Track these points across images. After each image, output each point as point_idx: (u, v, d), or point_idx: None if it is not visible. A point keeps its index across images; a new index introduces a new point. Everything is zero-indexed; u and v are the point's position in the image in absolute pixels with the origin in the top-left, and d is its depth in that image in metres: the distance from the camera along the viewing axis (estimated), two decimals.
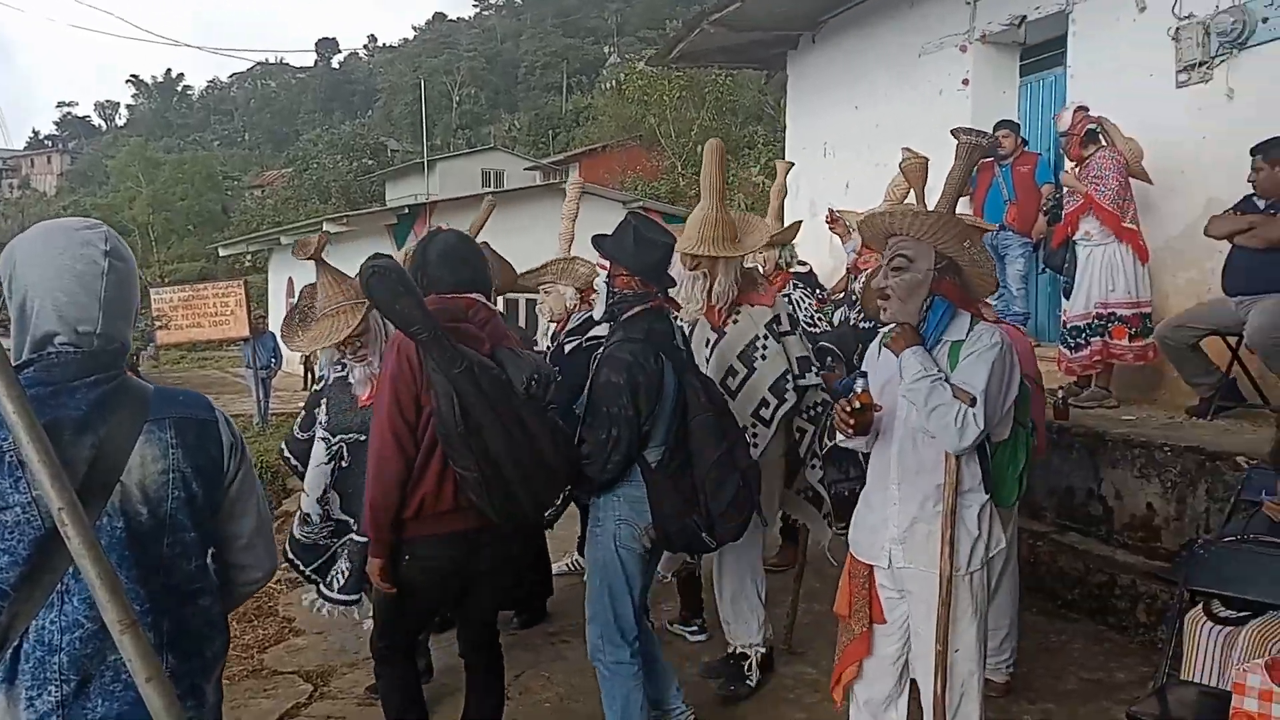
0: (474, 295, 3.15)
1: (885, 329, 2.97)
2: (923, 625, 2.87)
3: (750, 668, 4.15)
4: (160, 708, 1.59)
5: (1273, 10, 5.59)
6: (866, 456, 3.08)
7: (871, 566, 2.95)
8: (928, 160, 4.76)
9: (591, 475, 3.26)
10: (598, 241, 3.47)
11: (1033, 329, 7.42)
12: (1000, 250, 7.37)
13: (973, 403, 2.73)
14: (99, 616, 1.58)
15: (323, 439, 3.82)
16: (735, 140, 26.55)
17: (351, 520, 3.79)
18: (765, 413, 3.96)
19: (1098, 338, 5.99)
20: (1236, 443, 4.81)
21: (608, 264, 3.44)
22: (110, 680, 1.72)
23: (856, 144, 9.07)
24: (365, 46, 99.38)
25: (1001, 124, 7.32)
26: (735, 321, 4.03)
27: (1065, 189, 6.29)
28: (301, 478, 4.06)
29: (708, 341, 4.04)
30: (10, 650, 1.68)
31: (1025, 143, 7.29)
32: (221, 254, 28.47)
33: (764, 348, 3.97)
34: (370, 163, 48.47)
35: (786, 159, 7.75)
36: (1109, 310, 5.95)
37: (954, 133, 3.00)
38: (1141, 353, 5.93)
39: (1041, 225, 7.07)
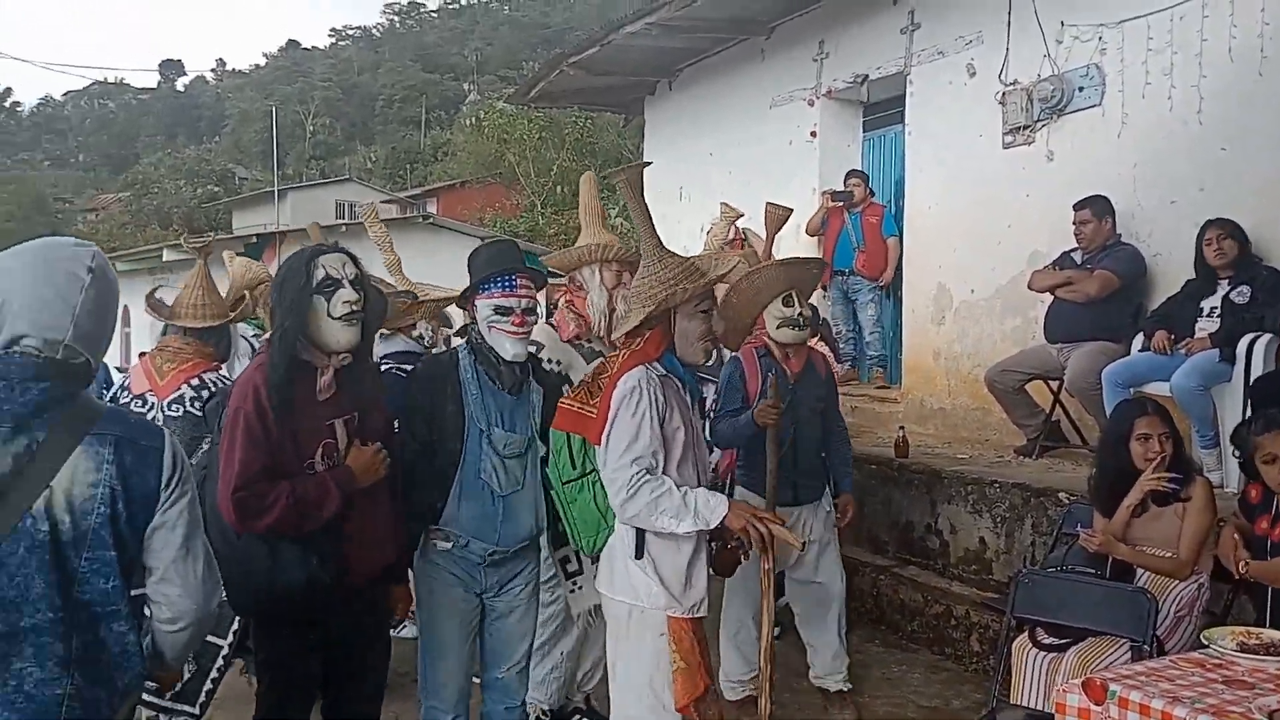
0: None
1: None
2: None
3: None
4: None
5: (1087, 80, 6.09)
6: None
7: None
8: (790, 210, 5.19)
9: None
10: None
11: (891, 373, 7.79)
12: (851, 295, 7.75)
13: None
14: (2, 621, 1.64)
15: None
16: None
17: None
18: None
19: None
20: (1058, 480, 5.16)
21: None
22: (12, 690, 1.72)
23: (711, 190, 9.29)
24: (213, 70, 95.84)
25: (852, 173, 7.71)
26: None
27: None
28: None
29: None
30: None
31: (873, 193, 7.67)
32: None
33: None
34: (216, 190, 46.63)
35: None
36: None
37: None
38: None
39: (889, 272, 7.50)
